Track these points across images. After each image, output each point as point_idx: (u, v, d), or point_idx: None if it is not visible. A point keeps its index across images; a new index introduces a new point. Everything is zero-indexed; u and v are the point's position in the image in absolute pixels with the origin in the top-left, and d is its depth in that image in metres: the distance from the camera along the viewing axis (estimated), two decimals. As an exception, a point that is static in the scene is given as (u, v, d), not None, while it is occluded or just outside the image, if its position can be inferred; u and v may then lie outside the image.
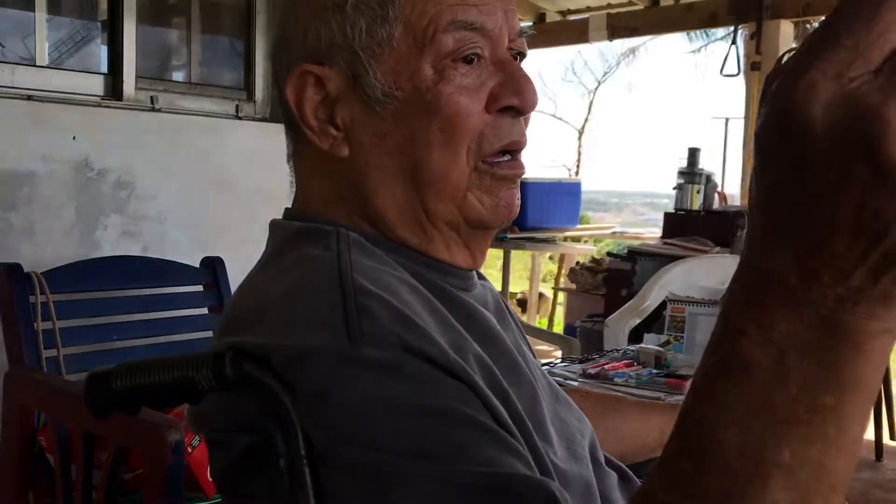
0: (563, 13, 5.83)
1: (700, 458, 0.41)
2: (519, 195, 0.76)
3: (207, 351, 0.63)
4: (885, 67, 0.34)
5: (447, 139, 0.69)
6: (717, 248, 3.87)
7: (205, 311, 2.58)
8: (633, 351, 2.15)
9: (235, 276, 2.55)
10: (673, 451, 0.43)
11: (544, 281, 8.67)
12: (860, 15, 0.34)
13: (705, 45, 12.57)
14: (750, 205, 0.40)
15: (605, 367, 1.97)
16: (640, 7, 5.22)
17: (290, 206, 0.79)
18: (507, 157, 0.73)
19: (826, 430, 0.38)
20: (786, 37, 4.92)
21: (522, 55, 0.77)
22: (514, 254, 5.95)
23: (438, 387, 0.58)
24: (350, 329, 0.59)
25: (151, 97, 2.89)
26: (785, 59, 0.36)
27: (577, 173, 12.26)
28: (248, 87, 3.22)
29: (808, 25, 11.45)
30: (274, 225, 0.77)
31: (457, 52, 0.70)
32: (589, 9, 5.68)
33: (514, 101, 0.72)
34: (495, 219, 0.74)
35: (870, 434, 3.84)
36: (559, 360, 2.22)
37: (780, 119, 0.36)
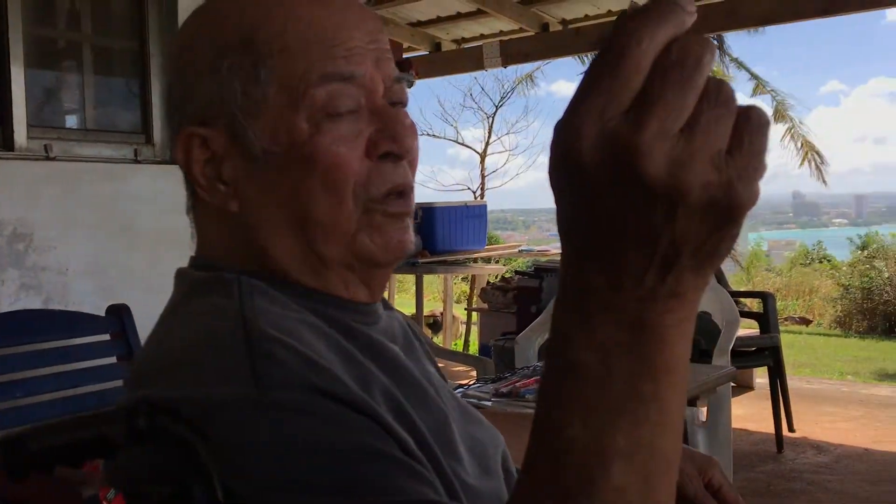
0: (457, 42, 5.96)
1: (553, 457, 0.46)
2: (411, 232, 0.78)
3: (120, 405, 0.65)
4: (632, 108, 0.40)
5: (329, 188, 0.72)
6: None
7: (113, 360, 2.53)
8: (542, 366, 2.21)
9: (143, 323, 2.52)
10: (530, 454, 0.48)
11: (457, 302, 8.75)
12: (609, 66, 0.40)
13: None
14: (559, 231, 0.45)
15: (517, 384, 2.03)
16: (531, 33, 5.39)
17: (194, 250, 0.81)
18: (393, 199, 0.75)
19: (650, 414, 0.44)
20: (669, 56, 5.15)
21: (402, 103, 0.79)
22: (426, 277, 6.00)
23: (347, 424, 0.61)
24: (257, 376, 0.61)
25: (45, 145, 2.82)
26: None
27: (482, 196, 12.43)
28: (147, 129, 3.18)
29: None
30: (179, 274, 0.79)
31: (329, 104, 0.72)
32: (483, 36, 5.83)
33: (391, 147, 0.74)
34: (388, 257, 0.76)
35: (770, 428, 4.03)
36: (474, 382, 2.27)
37: (559, 159, 0.42)
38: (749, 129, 0.41)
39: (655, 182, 0.40)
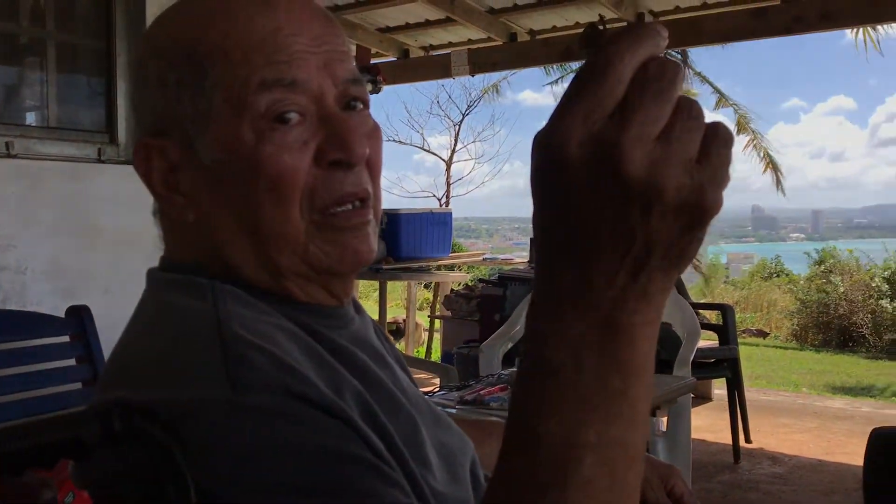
0: (426, 49, 5.98)
1: (527, 452, 0.48)
2: (371, 240, 0.77)
3: (93, 407, 0.65)
4: (616, 112, 0.44)
5: (275, 198, 0.71)
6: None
7: (72, 361, 2.49)
8: (506, 375, 2.23)
9: (104, 325, 2.48)
10: (505, 449, 0.50)
11: (420, 309, 8.75)
12: (595, 73, 0.44)
13: (561, 77, 13.12)
14: (535, 233, 0.47)
15: (481, 392, 2.04)
16: (499, 43, 5.43)
17: (159, 252, 0.81)
18: (348, 207, 0.75)
19: (620, 410, 0.47)
20: (634, 69, 5.22)
21: (363, 102, 0.78)
22: (389, 283, 5.99)
23: (320, 427, 0.62)
24: (232, 379, 0.62)
25: (6, 143, 2.78)
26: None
27: (447, 203, 12.46)
28: (111, 129, 3.14)
29: (655, 57, 12.11)
30: (150, 275, 0.79)
31: (271, 112, 0.71)
32: (451, 44, 5.85)
33: (339, 155, 0.73)
34: (343, 267, 0.76)
35: (727, 439, 4.10)
36: (437, 389, 2.28)
37: (547, 157, 0.45)
38: (716, 142, 0.45)
39: (634, 180, 0.43)
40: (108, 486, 0.67)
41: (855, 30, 10.63)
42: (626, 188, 0.43)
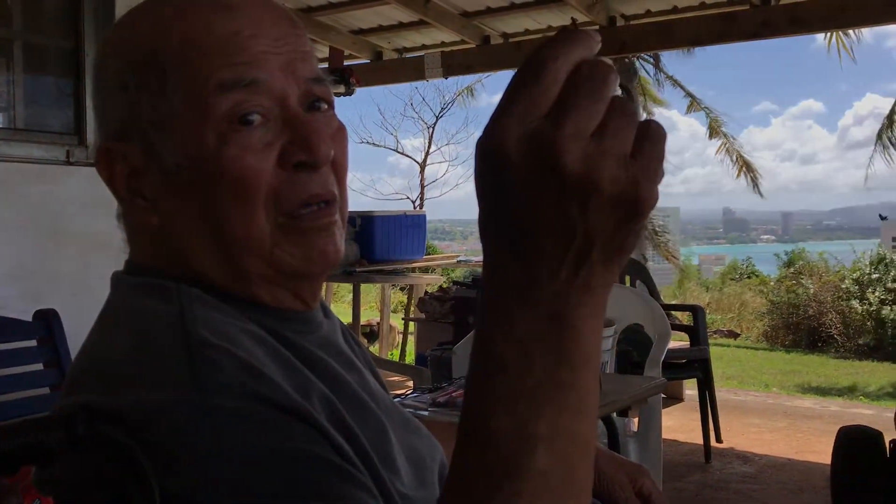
0: (399, 51, 5.98)
1: (480, 447, 0.49)
2: (338, 240, 0.76)
3: (58, 411, 0.64)
4: (551, 111, 0.45)
5: (239, 201, 0.71)
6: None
7: (40, 366, 2.46)
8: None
9: (72, 329, 2.45)
10: (459, 446, 0.51)
11: (395, 312, 8.74)
12: (530, 75, 0.46)
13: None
14: (481, 233, 0.49)
15: (454, 394, 2.04)
16: (473, 46, 5.44)
17: (126, 255, 0.80)
18: (314, 208, 0.74)
19: (569, 401, 0.48)
20: (606, 73, 5.26)
21: (327, 102, 0.77)
22: (363, 286, 5.98)
23: (286, 430, 0.61)
24: (197, 382, 0.61)
25: (-28, 145, 2.74)
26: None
27: (421, 205, 12.46)
28: (80, 131, 3.11)
29: (626, 60, 12.22)
30: (115, 278, 0.78)
31: (233, 114, 0.70)
32: (424, 47, 5.85)
33: (303, 157, 0.72)
34: (310, 269, 0.75)
35: (699, 439, 4.14)
36: (411, 391, 2.28)
37: (487, 156, 0.47)
38: (649, 138, 0.47)
39: (572, 174, 0.45)
40: (72, 492, 0.66)
41: (827, 35, 10.79)
42: (564, 182, 0.45)
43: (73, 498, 0.67)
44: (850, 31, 10.59)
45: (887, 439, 3.13)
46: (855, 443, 3.16)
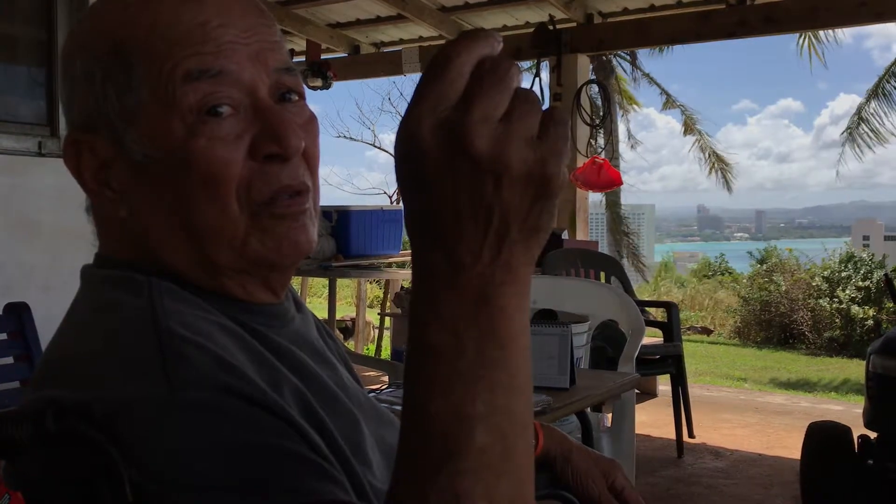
0: (376, 45, 5.96)
1: (420, 431, 0.51)
2: (310, 230, 0.76)
3: (27, 406, 0.64)
4: (459, 102, 0.49)
5: (210, 192, 0.70)
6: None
7: (10, 360, 2.43)
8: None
9: (43, 323, 2.43)
10: (402, 433, 0.52)
11: (371, 307, 8.72)
12: (437, 72, 0.49)
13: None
14: (406, 228, 0.51)
15: (428, 390, 2.04)
16: (454, 37, 5.44)
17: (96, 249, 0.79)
18: (286, 198, 0.73)
19: (502, 379, 0.50)
20: (583, 69, 5.29)
21: (298, 93, 0.76)
22: (339, 281, 5.96)
23: (257, 424, 0.61)
24: (168, 375, 0.61)
25: (-59, 135, 2.70)
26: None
27: (397, 200, 12.44)
28: (52, 121, 3.07)
29: (603, 58, 12.27)
30: (85, 272, 0.77)
31: (202, 105, 0.70)
32: (402, 41, 5.84)
33: (273, 148, 0.71)
34: (281, 258, 0.75)
35: (671, 434, 4.17)
36: (386, 386, 2.28)
37: (404, 148, 0.49)
38: (553, 122, 0.50)
39: (482, 154, 0.48)
40: (42, 487, 0.66)
41: (799, 39, 10.90)
42: (476, 163, 0.48)
43: (43, 493, 0.66)
44: (825, 34, 10.71)
45: (855, 434, 3.18)
46: (824, 438, 3.21)
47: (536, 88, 5.03)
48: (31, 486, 0.67)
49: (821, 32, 10.54)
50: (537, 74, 5.13)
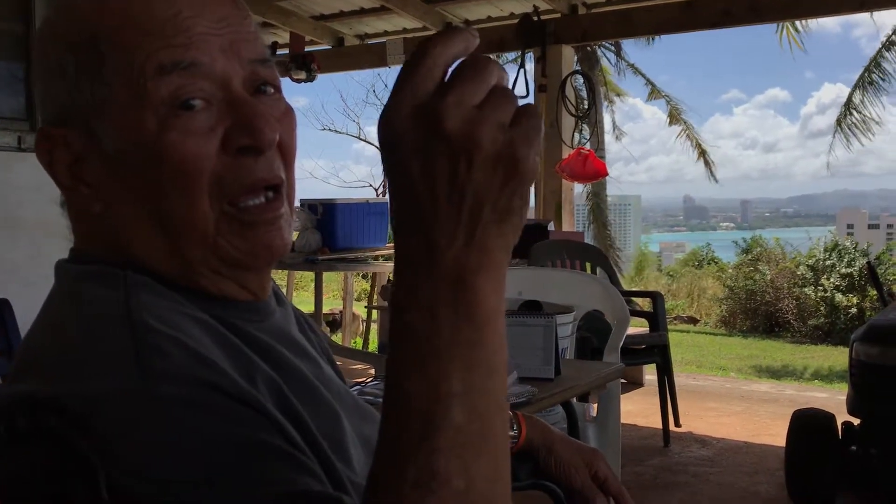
0: (361, 37, 5.94)
1: (399, 410, 0.52)
2: (285, 232, 0.75)
3: (-1, 403, 0.63)
4: (436, 89, 0.51)
5: (181, 187, 0.70)
6: (516, 260, 4.08)
7: (-9, 356, 2.41)
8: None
9: (25, 318, 2.41)
10: (383, 415, 0.53)
11: (358, 300, 8.71)
12: (415, 61, 0.52)
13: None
14: (390, 209, 0.54)
15: (414, 382, 2.04)
16: (435, 32, 5.42)
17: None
18: (261, 199, 0.73)
19: (478, 358, 0.52)
20: (567, 60, 5.29)
21: (274, 86, 0.75)
22: (326, 274, 5.95)
23: (232, 416, 0.61)
24: (142, 369, 0.60)
25: (-82, 130, 2.67)
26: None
27: (383, 193, 12.42)
28: (31, 116, 3.04)
29: (588, 49, 12.28)
30: (59, 266, 0.77)
31: (174, 99, 0.69)
32: (386, 33, 5.82)
33: (246, 141, 0.70)
34: (254, 262, 0.74)
35: (658, 423, 4.19)
36: (371, 379, 2.27)
37: (386, 134, 0.52)
38: (526, 114, 0.53)
39: (454, 133, 0.50)
40: (13, 486, 0.65)
41: (778, 27, 10.93)
42: (449, 143, 0.50)
43: (15, 493, 0.65)
44: (801, 22, 10.73)
45: (839, 421, 3.21)
46: (808, 425, 3.23)
47: (521, 79, 5.03)
48: (4, 484, 0.66)
49: (798, 21, 10.57)
50: (522, 66, 5.11)
